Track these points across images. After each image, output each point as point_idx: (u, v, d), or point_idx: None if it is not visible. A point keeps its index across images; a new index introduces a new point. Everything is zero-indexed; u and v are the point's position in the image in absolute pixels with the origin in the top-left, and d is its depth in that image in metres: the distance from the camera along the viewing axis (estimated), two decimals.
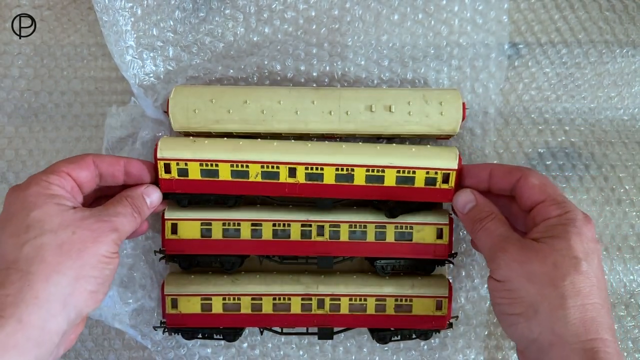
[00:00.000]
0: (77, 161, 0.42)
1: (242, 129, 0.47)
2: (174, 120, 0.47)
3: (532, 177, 0.44)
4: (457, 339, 0.55)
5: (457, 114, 0.47)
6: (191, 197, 0.49)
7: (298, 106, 0.47)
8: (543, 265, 0.39)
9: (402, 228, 0.49)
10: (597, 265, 0.40)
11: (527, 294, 0.39)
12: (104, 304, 0.50)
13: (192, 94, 0.47)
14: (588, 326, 0.37)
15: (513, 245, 0.41)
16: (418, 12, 0.54)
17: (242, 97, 0.47)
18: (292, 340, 0.55)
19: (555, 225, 0.41)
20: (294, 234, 0.49)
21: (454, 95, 0.47)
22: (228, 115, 0.46)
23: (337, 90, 0.48)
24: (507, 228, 0.43)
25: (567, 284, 0.38)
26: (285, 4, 0.53)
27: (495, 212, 0.44)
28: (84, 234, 0.38)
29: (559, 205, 0.42)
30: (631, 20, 0.56)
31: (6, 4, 0.55)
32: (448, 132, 0.48)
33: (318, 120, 0.47)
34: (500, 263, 0.41)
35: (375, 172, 0.47)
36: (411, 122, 0.47)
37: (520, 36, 0.56)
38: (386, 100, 0.47)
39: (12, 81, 0.55)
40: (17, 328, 0.34)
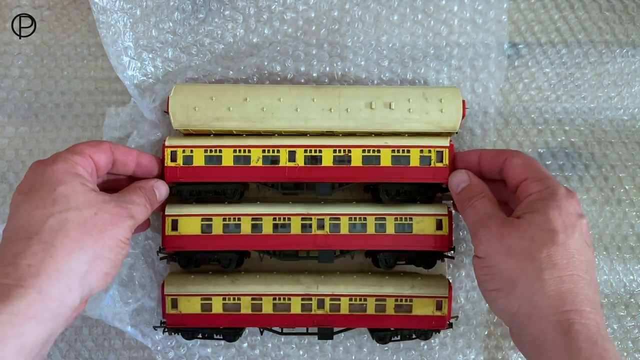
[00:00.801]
0: (97, 145, 0.44)
1: (242, 127, 0.48)
2: (174, 119, 0.47)
3: (516, 157, 0.45)
4: (457, 339, 0.55)
5: (457, 111, 0.48)
6: (193, 188, 0.49)
7: (298, 104, 0.47)
8: (521, 239, 0.39)
9: (401, 220, 0.49)
10: (579, 238, 0.39)
11: (505, 269, 0.40)
12: (104, 303, 0.50)
13: (193, 92, 0.48)
14: (564, 298, 0.37)
15: (495, 222, 0.41)
16: (418, 12, 0.54)
17: (242, 95, 0.47)
18: (292, 340, 0.55)
19: (536, 200, 0.41)
20: (294, 227, 0.49)
21: (453, 93, 0.48)
22: (228, 112, 0.47)
23: (337, 88, 0.48)
24: (494, 207, 0.43)
25: (543, 256, 0.38)
26: (284, 5, 0.53)
27: (486, 192, 0.45)
28: (105, 216, 0.40)
29: (540, 181, 0.42)
30: (631, 20, 0.56)
31: (6, 4, 0.55)
32: (448, 129, 0.48)
33: (318, 118, 0.47)
34: (481, 239, 0.42)
35: (372, 153, 0.49)
36: (411, 120, 0.48)
37: (520, 36, 0.56)
38: (386, 97, 0.47)
39: (12, 81, 0.55)
40: (37, 298, 0.35)
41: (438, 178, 0.49)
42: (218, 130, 0.48)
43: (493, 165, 0.46)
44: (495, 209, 0.43)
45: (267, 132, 0.48)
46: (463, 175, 0.46)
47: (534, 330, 0.38)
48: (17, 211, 0.39)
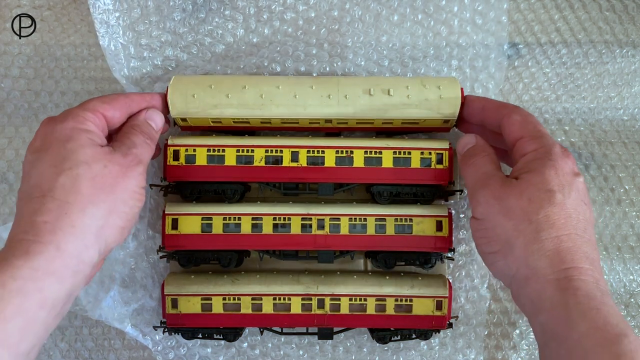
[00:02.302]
0: (111, 101, 0.43)
1: (241, 114, 0.47)
2: (172, 106, 0.47)
3: (516, 113, 0.44)
4: (457, 339, 0.55)
5: (456, 97, 0.47)
6: (193, 187, 0.49)
7: (297, 90, 0.47)
8: (519, 200, 0.39)
9: (402, 221, 0.49)
10: (576, 197, 0.39)
11: (503, 231, 0.39)
12: (105, 303, 0.50)
13: (192, 81, 0.47)
14: (563, 256, 0.37)
15: (494, 182, 0.41)
16: (418, 12, 0.54)
17: (241, 83, 0.47)
18: (292, 340, 0.55)
19: (532, 160, 0.41)
20: (295, 227, 0.49)
21: (451, 82, 0.48)
22: (226, 99, 0.46)
23: (335, 78, 0.48)
24: (494, 167, 0.43)
25: (541, 217, 0.38)
26: (284, 5, 0.53)
27: (489, 152, 0.44)
28: (114, 169, 0.40)
29: (536, 140, 0.42)
30: (631, 20, 0.56)
31: (6, 4, 0.55)
32: (448, 116, 0.47)
33: (317, 104, 0.47)
34: (479, 200, 0.41)
35: (373, 154, 0.49)
36: (410, 106, 0.47)
37: (520, 36, 0.56)
38: (385, 85, 0.47)
39: (12, 81, 0.55)
40: (55, 255, 0.35)
41: (438, 180, 0.49)
42: (216, 117, 0.47)
43: (494, 119, 0.45)
44: (496, 169, 0.43)
45: (265, 119, 0.48)
46: (471, 137, 0.46)
47: (532, 291, 0.38)
48: (30, 170, 0.39)
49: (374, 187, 0.51)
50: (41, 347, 0.37)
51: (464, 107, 0.47)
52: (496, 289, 0.56)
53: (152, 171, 0.52)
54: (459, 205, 0.54)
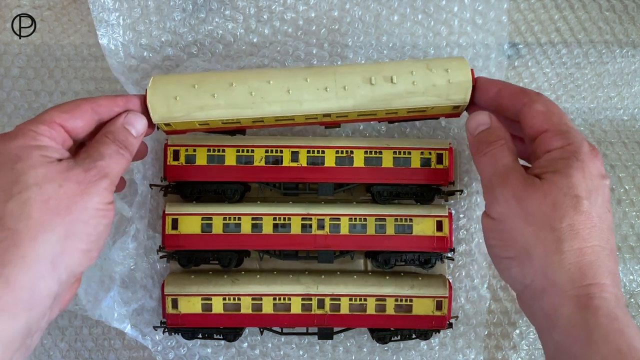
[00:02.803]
0: (72, 110, 0.38)
1: (230, 115, 0.42)
2: (153, 111, 0.41)
3: (538, 103, 0.39)
4: (457, 339, 0.55)
5: (467, 81, 0.42)
6: (193, 187, 0.49)
7: (290, 85, 0.42)
8: (542, 204, 0.36)
9: (402, 221, 0.49)
10: (602, 204, 0.36)
11: (521, 236, 0.36)
12: (104, 303, 0.50)
13: (173, 81, 0.42)
14: (585, 271, 0.34)
15: (515, 179, 0.37)
16: (418, 12, 0.54)
17: (227, 80, 0.42)
18: (292, 340, 0.55)
19: (557, 158, 0.37)
20: (294, 228, 0.49)
21: (460, 63, 0.43)
22: (213, 100, 0.41)
23: (331, 67, 0.43)
24: (513, 159, 0.39)
25: (564, 225, 0.35)
26: (285, 5, 0.53)
27: (507, 139, 0.40)
28: (71, 187, 0.35)
29: (562, 135, 0.38)
30: (631, 20, 0.56)
31: (6, 4, 0.55)
32: (458, 101, 0.43)
33: (313, 99, 0.42)
34: (498, 197, 0.38)
35: (373, 154, 0.49)
36: (416, 93, 0.42)
37: (520, 36, 0.56)
38: (386, 72, 0.42)
39: (12, 81, 0.55)
40: (4, 290, 0.32)
41: (438, 180, 0.49)
42: (202, 121, 0.42)
43: (511, 106, 0.41)
44: (516, 162, 0.39)
45: (257, 119, 0.43)
46: (484, 116, 0.41)
47: (548, 304, 0.35)
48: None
49: (374, 187, 0.51)
50: None
51: (476, 91, 0.43)
52: (496, 289, 0.56)
53: (153, 171, 0.52)
54: (459, 205, 0.54)
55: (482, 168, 0.40)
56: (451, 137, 0.54)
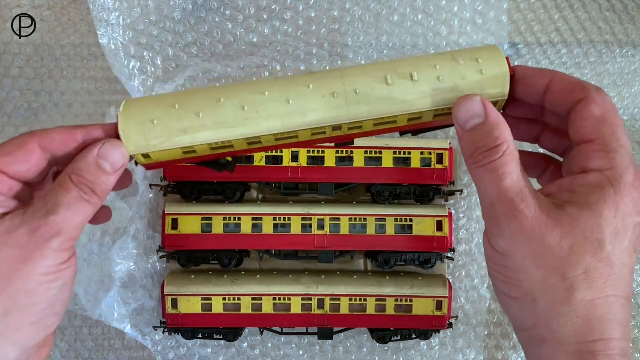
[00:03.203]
0: (14, 151, 0.32)
1: (219, 137, 0.34)
2: (127, 140, 0.33)
3: (596, 104, 0.32)
4: (457, 339, 0.55)
5: (504, 72, 0.34)
6: (193, 187, 0.49)
7: (290, 94, 0.34)
8: (558, 246, 0.30)
9: (402, 221, 0.49)
10: (627, 246, 0.31)
11: (528, 279, 0.31)
12: (104, 303, 0.50)
13: (149, 103, 0.34)
14: (593, 325, 0.30)
15: (528, 210, 0.30)
16: (418, 12, 0.54)
17: (214, 95, 0.34)
18: (292, 340, 0.55)
19: (592, 186, 0.31)
20: (295, 228, 0.49)
21: (493, 51, 0.35)
22: (198, 119, 0.34)
23: (337, 70, 0.35)
24: (523, 176, 0.31)
25: (579, 274, 0.30)
26: (285, 5, 0.53)
27: (509, 143, 0.31)
28: (11, 253, 0.30)
29: (607, 155, 0.31)
30: (631, 20, 0.56)
31: (6, 4, 0.55)
32: (496, 96, 0.34)
33: (319, 108, 0.34)
34: (503, 231, 0.31)
35: (373, 154, 0.49)
36: (444, 90, 0.34)
37: (520, 36, 0.56)
38: (404, 69, 0.34)
39: (12, 81, 0.55)
40: None
41: (438, 180, 0.49)
42: (187, 147, 0.34)
43: (562, 103, 0.33)
44: (526, 181, 0.31)
45: (253, 139, 0.35)
46: (477, 106, 0.32)
47: (545, 355, 0.32)
48: None
49: (374, 187, 0.51)
50: None
51: (517, 84, 0.35)
52: None
53: (152, 171, 0.52)
54: (459, 205, 0.54)
55: (481, 185, 0.32)
56: (451, 137, 0.54)
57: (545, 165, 0.38)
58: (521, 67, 0.35)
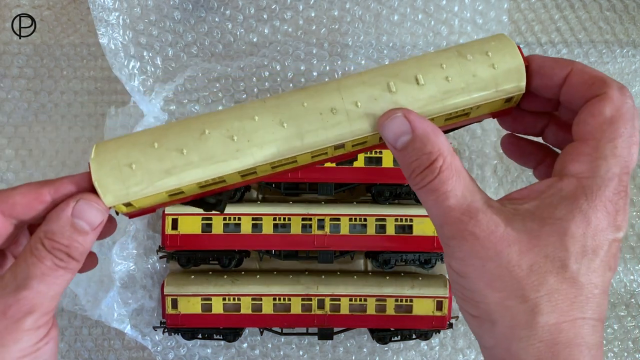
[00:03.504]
0: None
1: (209, 174, 0.31)
2: (104, 190, 0.29)
3: (610, 103, 0.28)
4: (457, 339, 0.55)
5: (518, 64, 0.31)
6: None
7: (283, 115, 0.31)
8: (515, 267, 0.27)
9: (402, 221, 0.49)
10: (599, 265, 0.27)
11: (484, 300, 0.28)
12: (104, 304, 0.50)
13: (123, 144, 0.31)
14: (559, 350, 0.27)
15: (478, 228, 0.27)
16: (418, 12, 0.53)
17: (197, 127, 0.31)
18: (292, 340, 0.55)
19: (562, 197, 0.27)
20: (295, 228, 0.49)
21: (502, 41, 0.32)
22: (182, 157, 0.30)
23: (332, 82, 0.32)
24: (470, 189, 0.28)
25: (541, 295, 0.27)
26: (285, 4, 0.53)
27: (445, 154, 0.28)
28: None
29: (593, 159, 0.27)
30: (631, 20, 0.56)
31: (6, 4, 0.55)
32: (512, 91, 0.31)
33: (317, 127, 0.31)
34: (454, 253, 0.28)
35: (374, 154, 0.49)
36: (454, 92, 0.31)
37: (520, 36, 0.56)
38: (408, 72, 0.31)
39: (11, 81, 0.55)
40: None
41: None
42: (174, 190, 0.31)
43: (579, 96, 0.29)
44: (474, 194, 0.28)
45: (247, 171, 0.31)
46: (400, 122, 0.29)
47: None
48: None
49: (374, 187, 0.51)
50: None
51: (533, 76, 0.31)
52: None
53: None
54: None
55: (426, 207, 0.29)
56: (451, 137, 0.54)
57: (541, 157, 0.35)
58: (536, 57, 0.31)
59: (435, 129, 0.29)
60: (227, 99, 0.53)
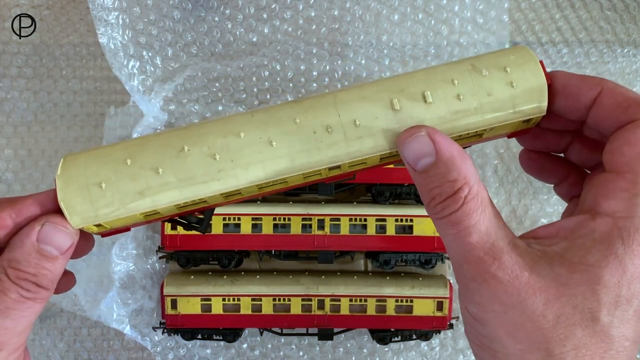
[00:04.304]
0: None
1: (187, 196, 0.28)
2: (70, 212, 0.27)
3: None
4: (458, 339, 0.55)
5: (540, 83, 0.28)
6: None
7: (272, 133, 0.28)
8: (540, 316, 0.24)
9: (402, 221, 0.49)
10: (632, 316, 0.24)
11: (503, 350, 0.25)
12: (104, 304, 0.50)
13: (93, 160, 0.28)
14: None
15: (502, 271, 0.24)
16: (418, 12, 0.53)
17: (175, 142, 0.28)
18: (292, 341, 0.55)
19: (596, 239, 0.24)
20: (294, 228, 0.49)
21: (521, 54, 0.29)
22: (157, 177, 0.27)
23: (329, 95, 0.29)
24: (493, 222, 0.25)
25: (567, 350, 0.24)
26: (284, 4, 0.53)
27: (471, 183, 0.25)
28: None
29: (632, 196, 0.24)
30: (632, 20, 0.55)
31: (5, 4, 0.55)
32: (530, 113, 0.28)
33: (310, 148, 0.28)
34: (474, 296, 0.25)
35: None
36: (466, 113, 0.28)
37: (520, 36, 0.55)
38: (414, 87, 0.28)
39: (10, 80, 0.55)
40: None
41: None
42: (149, 212, 0.28)
43: (612, 121, 0.26)
44: (499, 231, 0.25)
45: (230, 193, 0.28)
46: (424, 142, 0.26)
47: None
48: None
49: (374, 187, 0.51)
50: None
51: (556, 95, 0.28)
52: None
53: None
54: None
55: (445, 241, 0.27)
56: None
57: (564, 174, 0.31)
58: (561, 73, 0.28)
59: (463, 153, 0.26)
60: (227, 99, 0.53)
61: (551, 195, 0.55)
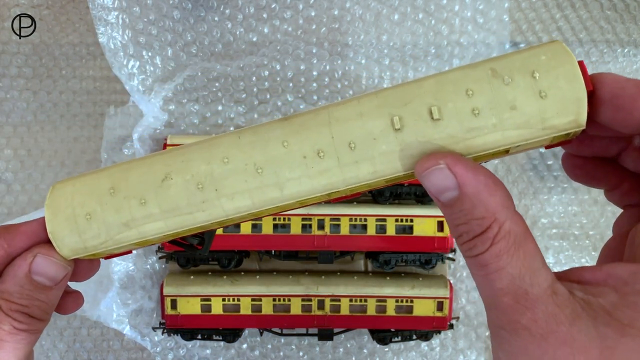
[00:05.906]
0: None
1: (172, 227, 0.27)
2: (59, 243, 0.26)
3: None
4: (458, 339, 0.55)
5: (574, 85, 0.23)
6: None
7: (258, 159, 0.25)
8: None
9: (402, 221, 0.49)
10: None
11: None
12: (103, 304, 0.50)
13: (79, 190, 0.27)
14: None
15: (534, 323, 0.21)
16: (418, 11, 0.53)
17: (159, 170, 0.26)
18: (292, 341, 0.55)
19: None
20: (294, 228, 0.49)
21: (555, 54, 0.23)
22: (141, 209, 0.26)
23: (322, 111, 0.25)
24: (525, 267, 0.21)
25: None
26: (284, 4, 0.53)
27: (501, 219, 0.21)
28: None
29: None
30: (632, 20, 0.55)
31: (4, 3, 0.55)
32: (563, 128, 0.23)
33: (300, 175, 0.25)
34: (503, 345, 0.22)
35: None
36: (482, 130, 0.23)
37: (521, 35, 0.55)
38: (420, 100, 0.24)
39: (10, 80, 0.55)
40: None
41: None
42: (134, 243, 0.27)
43: None
44: (536, 277, 0.21)
45: (217, 223, 0.27)
46: (444, 176, 0.22)
47: None
48: None
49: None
50: None
51: (601, 105, 0.23)
52: None
53: None
54: None
55: (475, 281, 0.23)
56: None
57: (617, 179, 0.27)
58: (609, 78, 0.23)
59: (491, 183, 0.22)
60: (227, 99, 0.53)
61: (551, 195, 0.55)
